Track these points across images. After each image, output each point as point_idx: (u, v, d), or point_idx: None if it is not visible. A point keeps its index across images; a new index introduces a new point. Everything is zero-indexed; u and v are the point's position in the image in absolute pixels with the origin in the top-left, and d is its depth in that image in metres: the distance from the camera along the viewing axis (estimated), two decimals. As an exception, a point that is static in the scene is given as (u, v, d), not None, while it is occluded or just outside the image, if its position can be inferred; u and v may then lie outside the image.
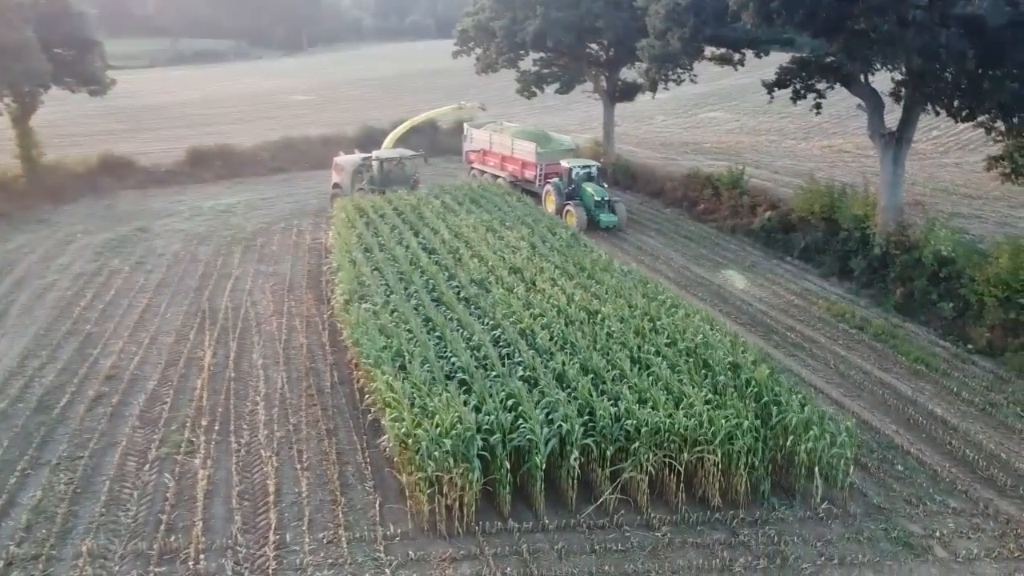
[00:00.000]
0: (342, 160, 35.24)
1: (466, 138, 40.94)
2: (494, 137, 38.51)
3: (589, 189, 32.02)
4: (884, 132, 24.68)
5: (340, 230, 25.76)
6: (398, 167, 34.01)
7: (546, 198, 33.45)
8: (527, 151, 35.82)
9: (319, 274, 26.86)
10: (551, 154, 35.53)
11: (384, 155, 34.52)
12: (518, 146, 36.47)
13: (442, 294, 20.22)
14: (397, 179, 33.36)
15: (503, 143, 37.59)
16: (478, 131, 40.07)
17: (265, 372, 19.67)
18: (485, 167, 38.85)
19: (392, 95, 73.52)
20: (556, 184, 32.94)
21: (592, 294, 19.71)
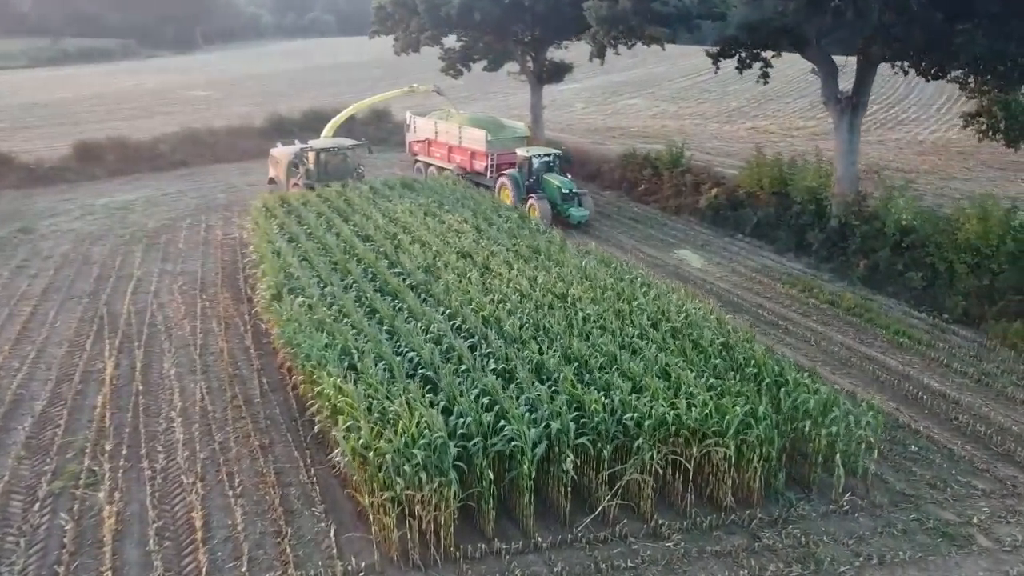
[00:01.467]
0: (278, 152, 31.40)
1: (408, 127, 36.91)
2: (440, 125, 34.53)
3: (554, 181, 28.50)
4: (841, 97, 23.50)
5: (258, 220, 22.85)
6: (339, 159, 29.95)
7: (500, 191, 29.58)
8: (476, 140, 32.01)
9: (235, 271, 23.92)
10: (503, 142, 31.95)
11: (322, 145, 30.19)
12: (466, 134, 32.62)
13: (386, 283, 17.77)
14: (338, 172, 29.29)
15: (450, 132, 33.62)
16: (422, 119, 36.05)
17: (180, 383, 16.79)
18: (431, 159, 35.01)
19: (298, 88, 69.77)
20: (514, 176, 29.17)
21: (556, 276, 17.62)
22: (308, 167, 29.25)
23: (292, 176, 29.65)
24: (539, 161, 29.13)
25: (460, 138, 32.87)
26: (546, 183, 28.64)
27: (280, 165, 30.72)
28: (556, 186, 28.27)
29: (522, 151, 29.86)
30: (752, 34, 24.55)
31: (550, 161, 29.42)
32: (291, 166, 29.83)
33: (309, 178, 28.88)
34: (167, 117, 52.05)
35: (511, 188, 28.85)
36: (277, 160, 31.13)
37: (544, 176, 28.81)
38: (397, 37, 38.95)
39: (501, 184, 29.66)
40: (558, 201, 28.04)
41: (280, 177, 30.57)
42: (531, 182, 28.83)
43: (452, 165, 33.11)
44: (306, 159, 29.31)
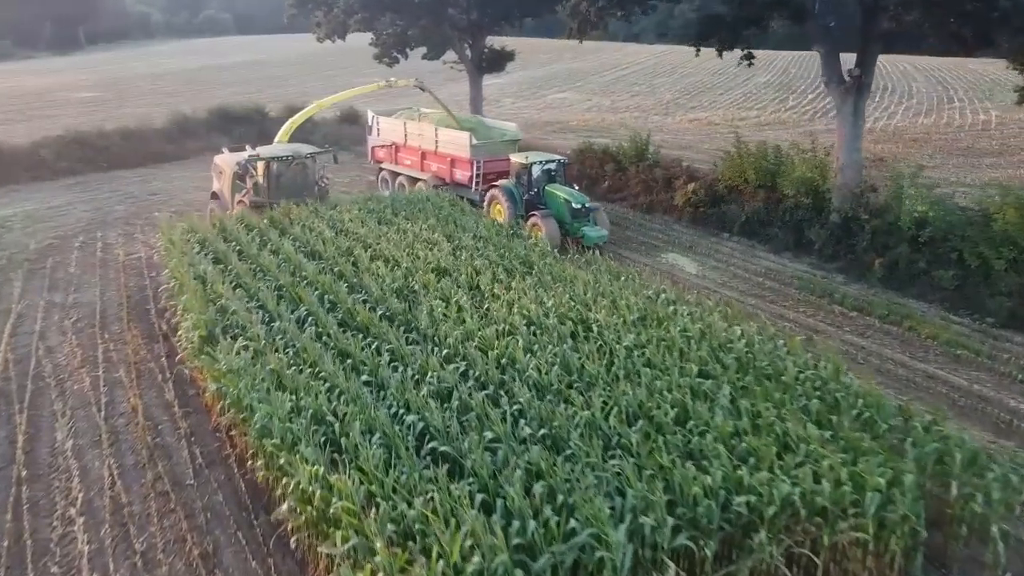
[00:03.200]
0: (223, 160, 24.34)
1: (370, 129, 30.71)
2: (410, 127, 28.35)
3: (560, 194, 22.64)
4: (854, 74, 20.80)
5: (173, 237, 18.45)
6: (296, 170, 23.04)
7: (491, 207, 23.78)
8: (458, 144, 26.03)
9: (144, 300, 19.44)
10: (491, 147, 26.33)
11: (273, 153, 23.13)
12: (445, 137, 26.68)
13: (351, 314, 13.89)
14: (294, 187, 22.65)
15: (423, 135, 27.52)
16: (387, 120, 29.99)
17: (80, 461, 12.54)
18: (399, 167, 29.04)
19: (197, 88, 63.89)
20: (508, 189, 23.29)
21: (566, 296, 14.14)
22: (256, 180, 22.52)
23: (237, 191, 22.95)
24: (540, 169, 23.41)
25: (436, 142, 26.84)
26: (550, 196, 22.97)
27: (224, 177, 23.78)
28: (563, 199, 22.45)
29: (518, 157, 23.97)
30: (745, 6, 21.63)
31: (553, 169, 23.72)
32: (235, 179, 22.94)
33: (258, 194, 22.35)
34: (49, 120, 45.71)
35: (505, 203, 23.09)
36: (221, 170, 24.21)
37: (546, 188, 23.23)
38: (319, 23, 34.61)
39: (492, 198, 23.88)
40: (567, 219, 22.24)
41: (224, 192, 23.84)
42: (531, 195, 23.28)
43: (427, 175, 27.19)
44: (253, 170, 22.43)
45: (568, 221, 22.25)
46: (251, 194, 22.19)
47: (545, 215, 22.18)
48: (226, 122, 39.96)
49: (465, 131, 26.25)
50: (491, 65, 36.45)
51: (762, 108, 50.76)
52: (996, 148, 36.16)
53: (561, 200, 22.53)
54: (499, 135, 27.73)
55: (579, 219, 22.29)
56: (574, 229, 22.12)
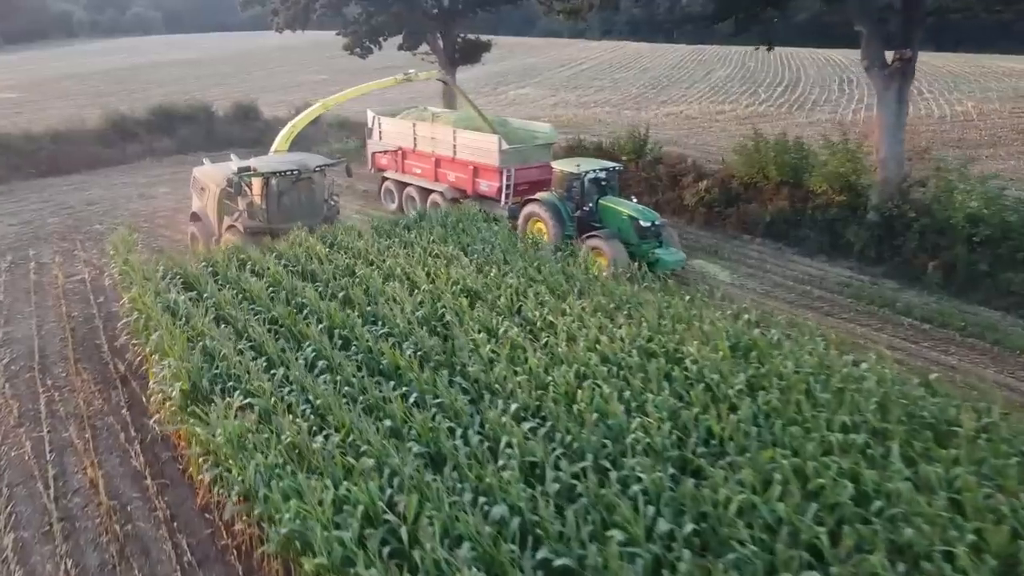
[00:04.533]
0: (205, 172, 19.44)
1: (370, 131, 26.64)
2: (421, 129, 24.07)
3: (624, 209, 18.51)
4: (905, 56, 18.62)
5: (130, 257, 15.21)
6: (302, 187, 18.04)
7: (529, 225, 19.80)
8: (484, 149, 21.80)
9: (94, 334, 16.17)
10: (523, 152, 22.10)
11: (275, 166, 17.97)
12: (467, 141, 22.46)
13: (371, 354, 11.01)
14: (300, 208, 17.91)
15: (438, 138, 23.35)
16: (392, 121, 25.74)
17: (25, 564, 9.43)
18: (407, 176, 24.91)
19: (130, 88, 59.34)
20: (553, 203, 19.20)
21: (638, 322, 11.51)
22: (252, 200, 17.65)
23: (227, 214, 18.16)
24: (589, 179, 19.29)
25: (455, 147, 22.79)
26: (607, 212, 18.95)
27: (209, 195, 18.82)
28: (627, 216, 18.35)
29: (566, 165, 19.86)
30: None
31: (604, 178, 19.54)
32: (224, 198, 18.20)
33: (254, 218, 17.64)
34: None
35: (550, 221, 19.05)
36: (203, 187, 19.14)
37: (601, 201, 19.17)
38: (277, 11, 31.24)
39: (530, 215, 19.77)
40: (633, 239, 18.14)
41: (209, 214, 18.93)
42: (586, 211, 19.25)
43: (442, 186, 23.30)
44: (247, 188, 17.53)
45: (635, 242, 18.10)
46: (244, 218, 17.58)
47: (609, 237, 18.03)
48: (169, 122, 36.30)
49: (492, 134, 22.10)
50: (465, 57, 33.64)
51: (735, 101, 49.04)
52: (987, 139, 34.91)
53: (624, 217, 18.41)
54: (530, 138, 23.28)
55: (648, 239, 18.23)
56: (643, 252, 17.92)
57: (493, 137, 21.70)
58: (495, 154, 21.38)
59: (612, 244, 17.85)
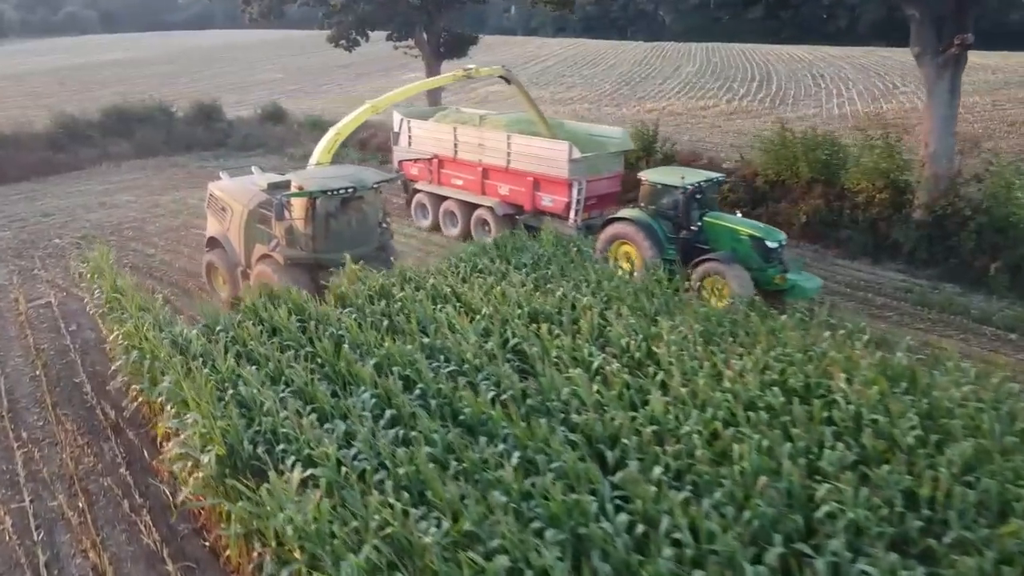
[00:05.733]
0: (227, 190, 16.10)
1: (396, 136, 23.11)
2: (465, 134, 20.78)
3: (743, 228, 15.58)
4: (968, 41, 17.16)
5: (111, 275, 12.84)
6: (353, 209, 14.44)
7: (613, 249, 16.71)
8: (549, 158, 18.67)
9: (71, 370, 13.77)
10: (596, 162, 19.15)
11: (323, 183, 14.20)
12: (525, 148, 19.22)
13: (444, 396, 9.01)
14: (351, 235, 14.40)
15: (486, 144, 20.08)
16: (425, 124, 22.41)
17: None
18: (445, 189, 21.51)
19: (72, 89, 55.78)
20: (646, 222, 16.13)
21: (769, 353, 9.70)
22: (292, 225, 14.06)
23: (259, 241, 14.66)
24: (680, 192, 15.96)
25: (509, 155, 19.57)
26: (716, 231, 15.88)
27: (232, 217, 15.45)
28: (747, 236, 15.37)
29: (660, 176, 16.72)
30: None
31: (704, 192, 16.42)
32: (253, 221, 14.91)
33: (295, 246, 14.13)
34: None
35: (644, 243, 15.96)
36: (225, 206, 15.76)
37: (707, 219, 16.10)
38: (249, 1, 28.74)
39: (615, 236, 16.61)
40: (755, 263, 15.09)
41: (233, 240, 15.46)
42: (693, 233, 16.05)
43: (492, 200, 20.14)
44: (287, 210, 13.75)
45: (758, 267, 15.03)
46: (282, 246, 14.09)
47: (729, 261, 14.88)
48: (125, 124, 33.48)
49: (561, 140, 19.19)
50: (450, 50, 31.55)
51: (713, 97, 47.90)
52: (983, 132, 34.24)
53: (743, 237, 15.34)
54: (602, 145, 20.12)
55: (773, 262, 15.16)
56: (768, 278, 14.85)
57: (563, 144, 18.56)
58: (564, 164, 18.25)
59: (735, 270, 14.64)
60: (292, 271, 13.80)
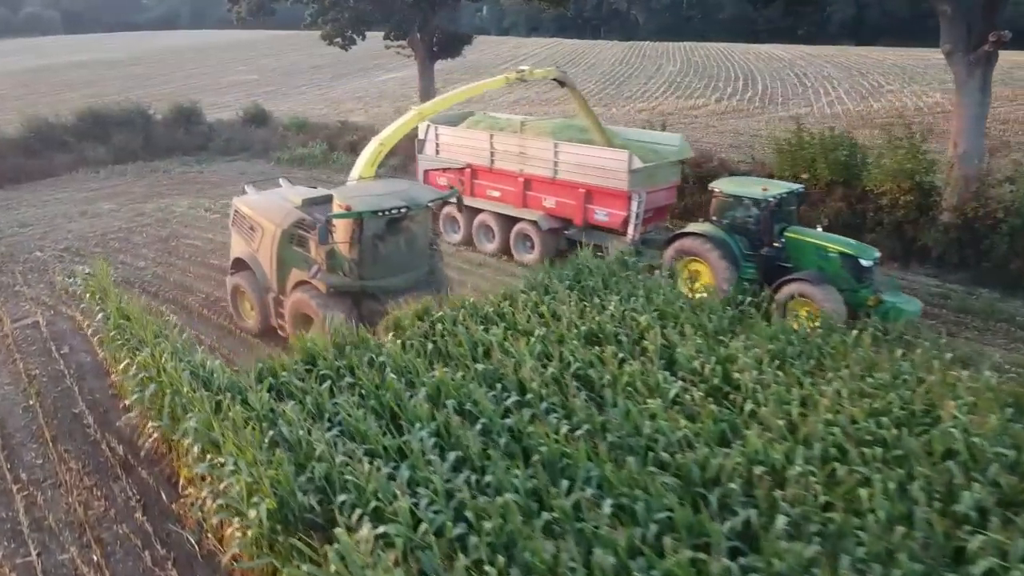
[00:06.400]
0: (255, 206, 14.35)
1: (422, 144, 20.88)
2: (503, 141, 19.02)
3: (832, 244, 14.17)
4: (1005, 38, 16.50)
5: (123, 305, 11.70)
6: (405, 230, 12.84)
7: (679, 267, 15.05)
8: (606, 167, 17.05)
9: (68, 399, 12.60)
10: (655, 172, 17.61)
11: (374, 200, 12.48)
12: (576, 157, 17.60)
13: (514, 433, 8.09)
14: (401, 259, 12.86)
15: (531, 152, 18.37)
16: (456, 131, 20.35)
17: None
18: (479, 201, 19.51)
19: (39, 92, 53.81)
20: (720, 236, 14.84)
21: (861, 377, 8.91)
22: (334, 248, 12.35)
23: (295, 265, 12.99)
24: (762, 205, 14.59)
25: (556, 164, 17.90)
26: (799, 248, 14.49)
27: (263, 237, 13.70)
28: (837, 254, 13.99)
29: (737, 187, 15.27)
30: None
31: (783, 204, 14.92)
32: (285, 243, 13.20)
33: (337, 271, 12.44)
34: None
35: (718, 261, 14.54)
36: (254, 224, 14.00)
37: (788, 234, 14.70)
38: (237, 0, 27.52)
39: (683, 253, 15.19)
40: (847, 283, 13.66)
41: (263, 263, 13.76)
42: (774, 250, 14.66)
43: (536, 214, 18.46)
44: (330, 231, 12.00)
45: (850, 287, 13.62)
46: (322, 272, 12.36)
47: (819, 282, 13.42)
48: (102, 128, 31.93)
49: (618, 148, 17.56)
50: (444, 49, 30.55)
51: (700, 96, 47.42)
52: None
53: (833, 254, 13.98)
54: (661, 153, 18.32)
55: (866, 282, 13.79)
56: (861, 300, 13.42)
57: (622, 153, 16.94)
58: (623, 174, 16.61)
59: (826, 291, 13.17)
60: (335, 300, 12.16)
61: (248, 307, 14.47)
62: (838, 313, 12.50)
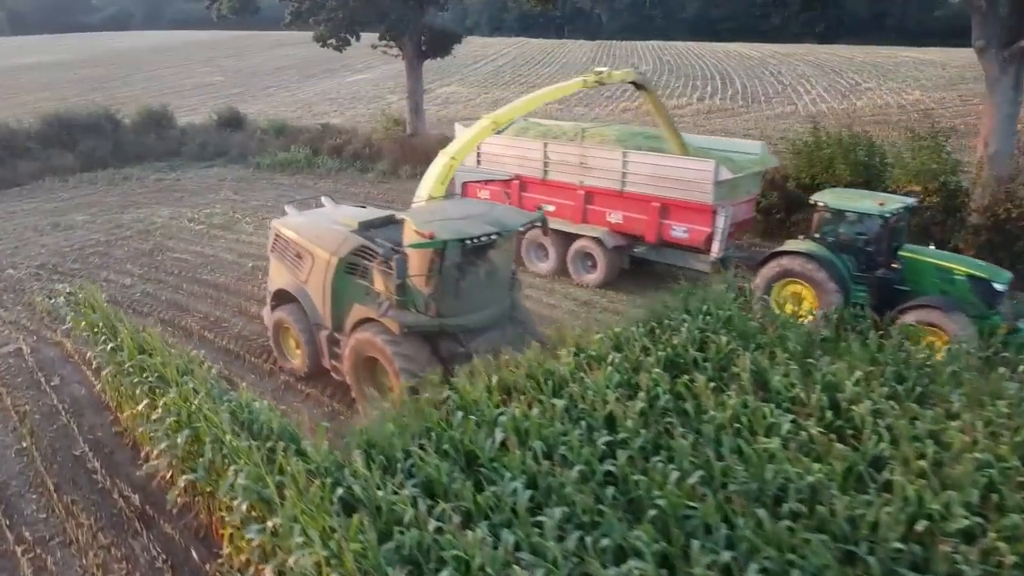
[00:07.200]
0: (300, 229, 12.66)
1: None
2: (557, 150, 17.30)
3: (960, 267, 12.91)
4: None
5: (126, 329, 10.41)
6: (495, 255, 11.07)
7: (776, 291, 13.85)
8: (688, 178, 15.38)
9: (67, 439, 11.29)
10: (740, 183, 15.89)
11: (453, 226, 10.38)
12: (649, 168, 15.93)
13: (626, 480, 7.07)
14: (482, 292, 11.06)
15: (594, 162, 16.71)
16: (496, 139, 17.57)
17: None
18: None
19: None
20: (826, 256, 13.40)
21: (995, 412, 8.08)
22: (405, 282, 10.30)
23: (356, 300, 11.34)
24: (879, 222, 13.17)
25: (624, 175, 16.26)
26: (917, 268, 13.17)
27: (314, 266, 12.04)
28: (964, 276, 12.71)
29: (845, 200, 13.72)
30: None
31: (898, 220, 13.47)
32: (342, 274, 11.58)
33: (409, 307, 10.52)
34: None
35: (826, 282, 13.21)
36: (301, 251, 12.34)
37: (903, 253, 13.38)
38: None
39: (782, 275, 13.80)
40: (976, 308, 12.33)
41: (313, 295, 12.10)
42: (892, 271, 13.33)
43: (599, 230, 16.78)
44: (402, 263, 10.16)
45: (981, 313, 12.22)
46: (392, 306, 10.50)
47: (950, 308, 12.07)
48: (68, 133, 30.15)
49: (707, 159, 15.50)
50: (433, 49, 29.38)
51: (681, 96, 46.92)
52: (967, 129, 33.98)
53: (960, 277, 12.70)
54: (738, 162, 16.21)
55: (993, 304, 12.51)
56: (992, 327, 11.76)
57: (706, 163, 15.19)
58: (708, 186, 14.98)
59: (957, 319, 11.82)
60: (409, 342, 10.48)
61: (293, 345, 12.74)
62: (971, 342, 10.94)
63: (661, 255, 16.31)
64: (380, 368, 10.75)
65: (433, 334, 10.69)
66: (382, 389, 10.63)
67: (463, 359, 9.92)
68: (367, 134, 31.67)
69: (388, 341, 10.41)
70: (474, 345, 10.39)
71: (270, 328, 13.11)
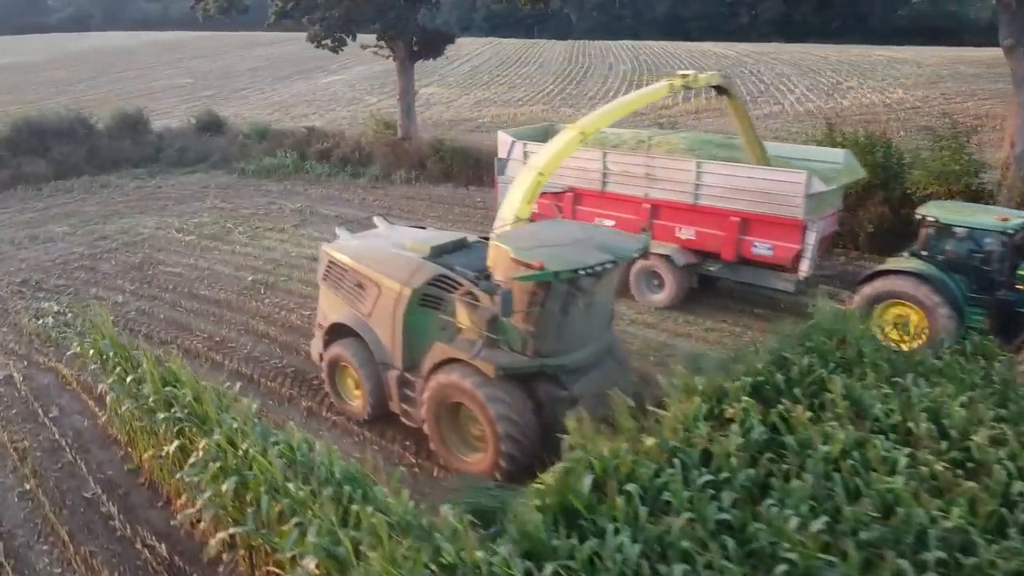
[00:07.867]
0: (356, 255, 11.23)
1: (503, 164, 17.78)
2: (619, 160, 15.98)
3: None
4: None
5: (146, 362, 9.43)
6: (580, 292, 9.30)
7: (878, 313, 12.69)
8: (777, 190, 14.03)
9: (75, 478, 10.31)
10: (827, 196, 14.45)
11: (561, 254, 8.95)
12: (728, 180, 14.61)
13: (745, 528, 6.35)
14: (583, 327, 9.67)
15: (662, 173, 15.34)
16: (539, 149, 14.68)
17: None
18: None
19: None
20: (938, 276, 12.23)
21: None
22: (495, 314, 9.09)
23: (436, 338, 9.95)
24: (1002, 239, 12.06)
25: (698, 187, 14.94)
26: None
27: (382, 300, 10.55)
28: None
29: (957, 214, 12.78)
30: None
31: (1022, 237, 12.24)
32: (416, 307, 10.19)
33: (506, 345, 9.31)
34: None
35: (938, 306, 12.10)
36: (363, 280, 10.93)
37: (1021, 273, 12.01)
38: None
39: (886, 296, 12.72)
40: None
41: (379, 330, 10.69)
42: (1015, 293, 12.01)
43: (668, 247, 15.41)
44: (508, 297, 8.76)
45: None
46: (484, 344, 9.25)
47: None
48: (39, 139, 28.70)
49: (795, 170, 14.27)
50: (425, 49, 28.44)
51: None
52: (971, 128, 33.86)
53: None
54: (820, 173, 14.40)
55: None
56: None
57: (797, 174, 13.88)
58: (798, 199, 13.70)
59: None
60: (505, 385, 9.23)
61: (352, 386, 11.42)
62: None
63: (737, 274, 15.23)
64: (465, 414, 9.61)
65: (531, 376, 9.49)
66: (467, 437, 9.71)
67: (565, 403, 8.81)
68: (355, 137, 30.64)
69: (480, 384, 9.18)
70: (577, 388, 9.25)
71: (324, 366, 11.71)
